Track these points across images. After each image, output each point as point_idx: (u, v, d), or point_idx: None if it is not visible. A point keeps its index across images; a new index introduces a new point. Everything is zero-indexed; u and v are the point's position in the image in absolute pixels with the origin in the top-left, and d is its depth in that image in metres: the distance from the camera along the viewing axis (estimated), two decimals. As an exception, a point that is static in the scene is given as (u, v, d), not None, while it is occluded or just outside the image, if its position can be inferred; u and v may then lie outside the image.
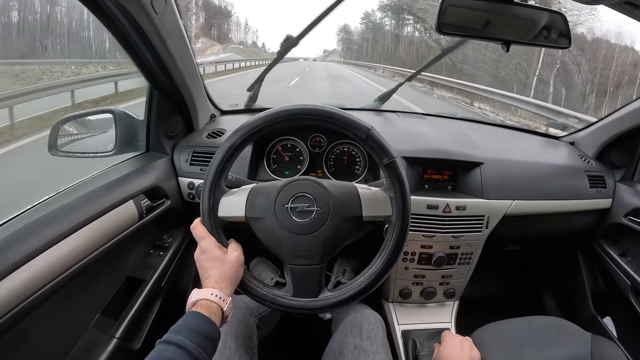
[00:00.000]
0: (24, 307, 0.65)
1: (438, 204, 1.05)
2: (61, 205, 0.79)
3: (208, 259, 0.67)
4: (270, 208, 0.70)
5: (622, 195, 1.21)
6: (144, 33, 0.83)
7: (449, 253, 1.11)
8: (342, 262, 1.32)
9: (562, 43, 0.85)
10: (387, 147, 0.71)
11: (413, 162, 1.09)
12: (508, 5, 0.78)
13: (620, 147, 1.27)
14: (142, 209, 0.95)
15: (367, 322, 0.91)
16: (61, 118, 1.03)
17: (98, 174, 0.97)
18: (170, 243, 1.12)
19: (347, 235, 0.74)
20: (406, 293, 1.18)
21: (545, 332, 0.89)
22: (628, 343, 1.14)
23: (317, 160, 1.16)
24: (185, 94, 1.07)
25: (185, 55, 0.98)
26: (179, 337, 0.54)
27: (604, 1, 0.69)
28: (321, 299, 0.72)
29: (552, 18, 0.83)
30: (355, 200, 0.72)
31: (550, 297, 1.54)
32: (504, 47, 0.83)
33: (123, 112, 1.07)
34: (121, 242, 0.88)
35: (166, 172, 1.08)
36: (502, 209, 1.09)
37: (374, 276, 0.72)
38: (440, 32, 0.80)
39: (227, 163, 0.71)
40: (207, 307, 0.60)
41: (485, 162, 1.11)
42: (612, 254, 1.22)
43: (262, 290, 0.72)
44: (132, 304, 0.97)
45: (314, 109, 0.71)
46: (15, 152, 3.96)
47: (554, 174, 1.19)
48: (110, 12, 0.78)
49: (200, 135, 1.16)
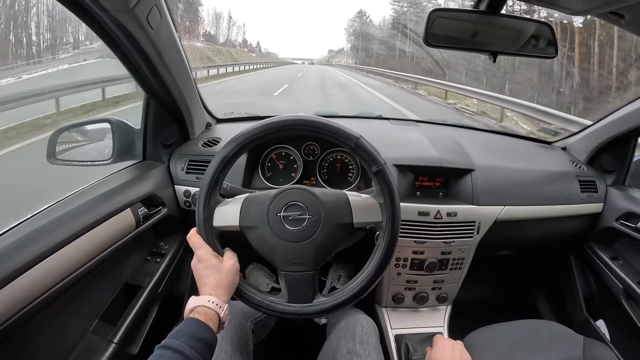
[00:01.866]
0: (24, 314, 0.66)
1: (429, 211, 1.06)
2: (60, 214, 0.81)
3: (205, 268, 0.69)
4: (264, 217, 0.73)
5: (614, 200, 1.22)
6: (140, 47, 0.85)
7: (440, 258, 1.12)
8: (337, 268, 1.33)
9: (549, 52, 0.87)
10: (375, 155, 0.73)
11: (405, 169, 1.11)
12: (496, 17, 0.79)
13: (612, 152, 1.28)
14: (139, 217, 0.97)
15: (360, 327, 0.92)
16: (59, 127, 1.05)
17: (96, 183, 0.99)
18: (167, 250, 1.14)
19: (339, 242, 0.76)
20: (399, 298, 1.19)
21: (538, 335, 0.90)
22: (621, 346, 1.15)
23: (311, 168, 1.18)
24: (181, 103, 1.08)
25: (180, 66, 1.00)
26: (177, 342, 0.56)
27: (591, 11, 0.70)
28: (315, 304, 0.74)
29: (539, 28, 0.84)
30: (345, 207, 0.75)
31: (543, 301, 1.55)
32: (491, 58, 0.85)
33: (120, 121, 1.09)
34: (119, 250, 0.90)
35: (163, 181, 1.10)
36: (493, 214, 1.11)
37: (366, 281, 0.74)
38: (428, 44, 0.81)
39: (221, 174, 0.73)
40: (205, 314, 0.62)
41: (476, 169, 1.12)
42: (604, 258, 1.23)
43: (257, 297, 0.74)
44: (130, 310, 0.99)
45: (305, 120, 0.73)
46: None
47: (544, 179, 1.20)
48: (107, 26, 0.80)
49: (196, 143, 1.18)
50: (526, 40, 0.85)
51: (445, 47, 0.86)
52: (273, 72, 17.98)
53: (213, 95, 2.04)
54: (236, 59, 34.03)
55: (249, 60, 33.81)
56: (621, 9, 0.63)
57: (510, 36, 0.85)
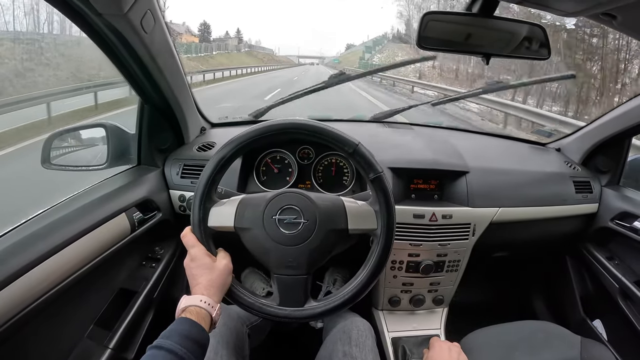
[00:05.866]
0: (18, 319, 0.66)
1: (424, 213, 1.06)
2: (55, 219, 0.80)
3: (197, 267, 0.69)
4: (259, 219, 0.73)
5: (609, 200, 1.23)
6: (134, 51, 0.85)
7: (436, 261, 1.12)
8: (333, 272, 1.33)
9: (542, 54, 0.87)
10: (374, 163, 0.73)
11: (399, 172, 1.11)
12: (489, 19, 0.79)
13: (606, 153, 1.29)
14: (134, 222, 0.96)
15: (356, 330, 0.92)
16: (54, 132, 1.04)
17: (91, 188, 0.98)
18: (162, 255, 1.13)
19: (333, 247, 0.75)
20: (395, 301, 1.19)
21: (535, 336, 0.90)
22: (618, 345, 1.15)
23: (306, 171, 1.18)
24: (175, 108, 1.08)
25: (174, 70, 1.00)
26: (169, 342, 0.56)
27: (583, 13, 0.71)
28: (307, 309, 0.74)
29: (532, 30, 0.84)
30: (341, 213, 0.74)
31: (539, 302, 1.56)
32: (484, 60, 0.85)
33: (115, 126, 1.09)
34: (114, 255, 0.90)
35: (157, 185, 1.09)
36: (488, 216, 1.11)
37: (359, 287, 0.74)
38: (421, 47, 0.81)
39: (218, 175, 0.73)
40: (197, 313, 0.62)
41: (470, 171, 1.12)
42: (599, 258, 1.23)
43: (249, 299, 0.74)
44: (125, 315, 0.98)
45: (304, 124, 0.73)
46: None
47: (539, 180, 1.20)
48: (101, 30, 0.80)
49: (191, 148, 1.18)
50: (519, 42, 0.85)
51: (438, 49, 0.86)
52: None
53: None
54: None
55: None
56: (613, 10, 0.63)
57: (504, 38, 0.85)
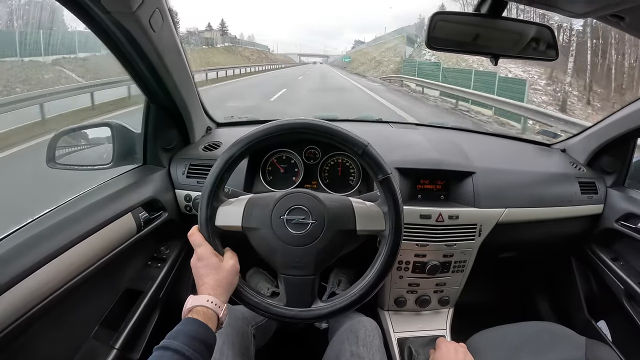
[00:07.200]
0: (25, 319, 0.66)
1: (431, 214, 1.06)
2: (61, 219, 0.80)
3: (204, 266, 0.68)
4: (267, 219, 0.72)
5: (614, 201, 1.23)
6: (142, 50, 0.84)
7: (442, 261, 1.12)
8: (337, 273, 1.33)
9: (550, 55, 0.87)
10: (382, 164, 0.73)
11: (406, 172, 1.11)
12: (497, 20, 0.80)
13: (611, 153, 1.28)
14: (140, 222, 0.96)
15: (363, 330, 0.92)
16: (59, 131, 1.04)
17: (97, 187, 0.98)
18: (168, 255, 1.13)
19: (341, 248, 0.75)
20: (401, 301, 1.19)
21: (540, 337, 0.90)
22: (623, 346, 1.15)
23: (312, 171, 1.18)
24: (181, 107, 1.08)
25: (181, 70, 1.00)
26: (176, 342, 0.55)
27: (591, 14, 0.71)
28: (313, 309, 0.74)
29: (540, 31, 0.84)
30: (349, 214, 0.74)
31: (544, 303, 1.55)
32: (493, 61, 0.85)
33: (120, 125, 1.08)
34: (120, 255, 0.90)
35: (163, 185, 1.09)
36: (495, 217, 1.11)
37: (366, 288, 0.73)
38: (430, 47, 0.81)
39: (226, 173, 0.73)
40: (203, 314, 0.62)
41: (477, 172, 1.12)
42: (604, 259, 1.23)
43: (255, 298, 0.74)
44: (131, 315, 0.98)
45: (314, 124, 0.73)
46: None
47: (545, 181, 1.20)
48: (109, 29, 0.79)
49: (197, 147, 1.17)
50: (527, 42, 0.85)
51: (447, 50, 0.86)
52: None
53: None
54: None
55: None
56: (621, 12, 0.63)
57: (512, 39, 0.85)
